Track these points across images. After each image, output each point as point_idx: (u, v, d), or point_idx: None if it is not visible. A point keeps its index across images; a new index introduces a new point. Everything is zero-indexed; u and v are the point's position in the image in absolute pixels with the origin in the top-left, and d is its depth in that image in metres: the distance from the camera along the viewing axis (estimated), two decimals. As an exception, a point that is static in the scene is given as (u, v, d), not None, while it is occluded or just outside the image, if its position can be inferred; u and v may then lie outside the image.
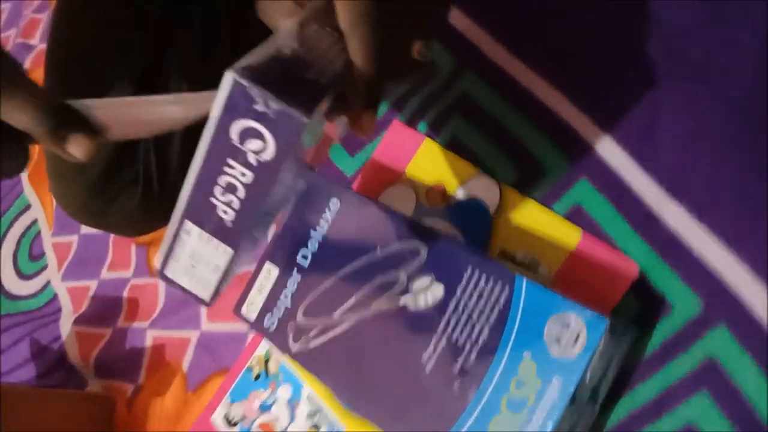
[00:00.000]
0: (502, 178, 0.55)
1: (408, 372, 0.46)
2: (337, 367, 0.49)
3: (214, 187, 0.33)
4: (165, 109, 0.36)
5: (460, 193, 0.57)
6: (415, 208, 0.58)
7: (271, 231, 0.62)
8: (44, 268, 0.88)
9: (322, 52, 0.35)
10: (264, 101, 0.30)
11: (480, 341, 0.44)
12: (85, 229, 0.86)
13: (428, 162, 0.59)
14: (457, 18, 0.63)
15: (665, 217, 0.47)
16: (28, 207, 0.97)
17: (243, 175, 0.33)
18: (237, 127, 0.31)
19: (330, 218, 0.54)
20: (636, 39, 0.53)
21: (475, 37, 0.62)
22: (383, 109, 0.63)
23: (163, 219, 0.72)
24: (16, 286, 0.90)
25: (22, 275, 0.90)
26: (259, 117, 0.31)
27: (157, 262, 0.38)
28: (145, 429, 0.68)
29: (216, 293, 0.37)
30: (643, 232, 0.48)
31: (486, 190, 0.55)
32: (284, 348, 0.52)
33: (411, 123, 0.62)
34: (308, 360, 0.51)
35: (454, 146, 0.58)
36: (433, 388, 0.44)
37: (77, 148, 0.34)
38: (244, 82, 0.30)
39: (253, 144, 0.31)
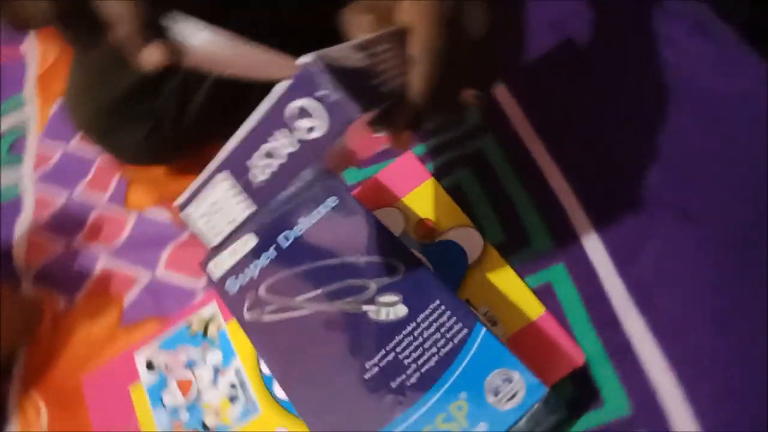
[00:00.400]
0: (489, 237, 0.58)
1: (347, 373, 0.47)
2: (282, 346, 0.50)
3: (258, 149, 0.36)
4: (235, 56, 0.38)
5: (445, 235, 0.59)
6: (400, 235, 0.60)
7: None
8: (19, 165, 0.88)
9: (387, 67, 0.38)
10: (328, 87, 0.33)
11: (424, 368, 0.46)
12: (73, 146, 0.86)
13: (426, 199, 0.62)
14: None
15: (624, 323, 0.50)
16: (22, 106, 0.96)
17: (287, 146, 0.35)
18: (296, 104, 0.34)
19: (323, 212, 0.56)
20: (652, 165, 0.57)
21: (507, 104, 0.65)
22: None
23: (163, 160, 0.74)
24: (-15, 172, 0.89)
25: (-5, 165, 0.90)
26: (320, 100, 0.33)
27: (180, 199, 0.40)
28: (64, 347, 0.67)
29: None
30: (600, 329, 0.51)
31: (470, 241, 0.58)
32: (237, 314, 0.53)
33: (423, 159, 0.65)
34: (256, 332, 0.52)
35: (454, 193, 0.61)
36: (366, 395, 0.46)
37: (151, 57, 0.35)
38: (315, 66, 0.33)
39: (306, 122, 0.34)
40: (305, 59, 0.34)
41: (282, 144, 0.35)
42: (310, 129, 0.34)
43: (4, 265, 0.77)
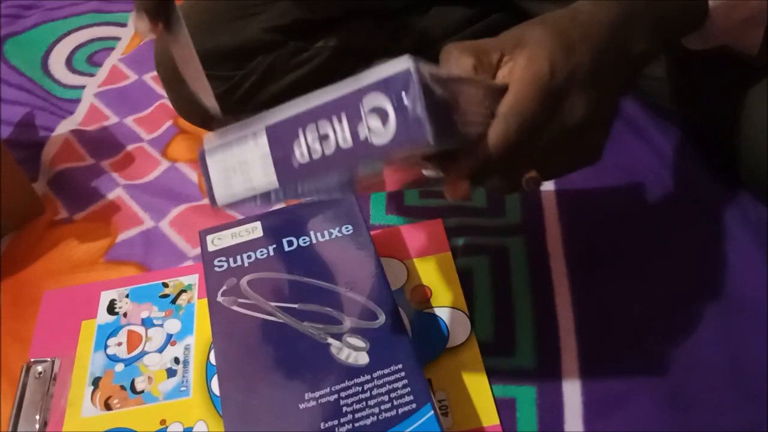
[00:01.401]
0: (477, 330, 0.56)
1: (286, 394, 0.46)
2: (238, 341, 0.49)
3: (313, 127, 0.34)
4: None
5: (437, 310, 0.58)
6: (395, 290, 0.59)
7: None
8: (91, 75, 0.90)
9: (471, 111, 0.36)
10: (415, 100, 0.31)
11: (359, 423, 0.44)
12: (147, 79, 0.88)
13: (435, 269, 0.61)
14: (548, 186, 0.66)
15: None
16: (122, 24, 0.99)
17: (344, 139, 0.33)
18: (375, 100, 0.32)
19: (335, 235, 0.55)
20: (657, 346, 0.55)
21: (549, 219, 0.65)
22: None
23: (218, 127, 0.74)
24: (58, 69, 0.91)
25: (71, 66, 0.91)
26: (400, 108, 0.32)
27: (206, 140, 0.38)
28: (43, 254, 0.67)
29: (228, 205, 0.38)
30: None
31: (457, 326, 0.57)
32: (211, 292, 0.52)
33: (449, 232, 0.64)
34: (220, 316, 0.51)
35: (463, 276, 0.60)
36: (293, 423, 0.44)
37: (139, 25, 0.43)
38: (414, 74, 0.31)
39: (374, 123, 0.32)
40: (407, 61, 0.32)
41: (342, 135, 0.33)
42: (376, 132, 0.32)
43: (31, 153, 0.77)
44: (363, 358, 0.47)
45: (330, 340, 0.48)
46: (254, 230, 0.56)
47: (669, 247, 0.61)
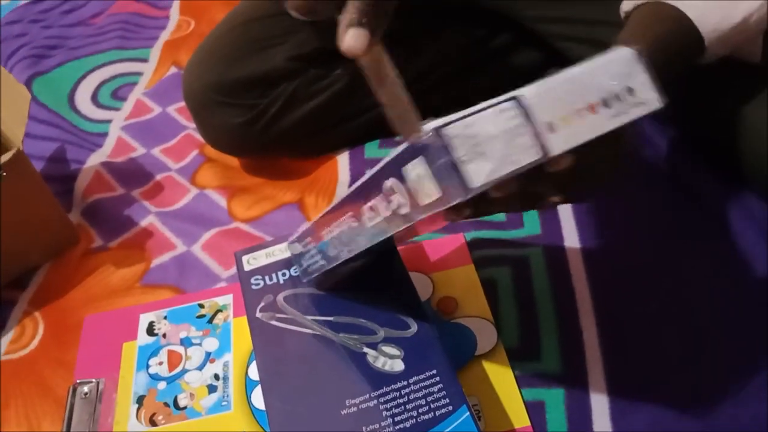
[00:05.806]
0: (503, 337, 0.59)
1: (327, 401, 0.48)
2: (278, 354, 0.52)
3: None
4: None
5: (464, 320, 0.60)
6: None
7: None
8: (116, 109, 0.93)
9: None
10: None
11: (398, 427, 0.46)
12: (171, 111, 0.91)
13: (459, 280, 0.63)
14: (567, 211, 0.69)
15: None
16: (143, 60, 1.03)
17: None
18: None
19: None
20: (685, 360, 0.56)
21: (567, 226, 0.67)
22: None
23: (243, 152, 0.77)
24: (85, 105, 0.95)
25: (97, 102, 0.95)
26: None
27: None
28: (81, 282, 0.70)
29: None
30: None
31: (484, 334, 0.59)
32: (250, 309, 0.55)
33: (470, 243, 0.66)
34: (260, 332, 0.53)
35: (487, 285, 0.63)
36: (337, 428, 0.47)
37: (353, 40, 0.37)
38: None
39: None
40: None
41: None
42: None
43: (64, 186, 0.81)
44: (398, 365, 0.50)
45: (366, 350, 0.51)
46: (287, 249, 0.58)
47: (684, 246, 0.63)
